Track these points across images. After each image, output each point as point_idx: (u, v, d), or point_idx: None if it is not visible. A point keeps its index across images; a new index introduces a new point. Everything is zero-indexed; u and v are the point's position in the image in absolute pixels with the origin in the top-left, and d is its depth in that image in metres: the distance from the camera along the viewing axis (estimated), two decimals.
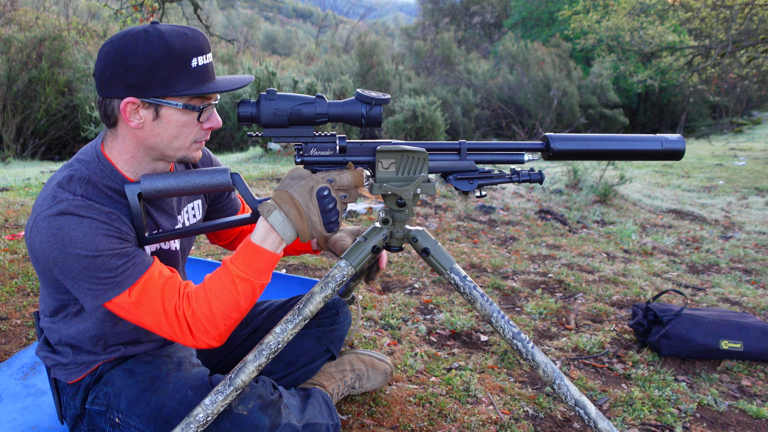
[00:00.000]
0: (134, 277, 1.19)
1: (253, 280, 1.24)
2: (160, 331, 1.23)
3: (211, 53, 1.25)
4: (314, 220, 1.23)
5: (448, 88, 16.88)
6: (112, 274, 1.16)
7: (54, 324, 1.35)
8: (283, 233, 1.23)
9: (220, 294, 1.23)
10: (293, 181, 1.24)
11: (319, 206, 1.23)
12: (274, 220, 1.22)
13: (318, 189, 1.23)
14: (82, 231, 1.14)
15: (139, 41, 1.15)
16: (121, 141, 1.26)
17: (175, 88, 1.18)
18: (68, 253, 1.14)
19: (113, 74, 1.17)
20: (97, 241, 1.15)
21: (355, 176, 1.27)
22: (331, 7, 61.22)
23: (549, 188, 5.95)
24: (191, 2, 8.99)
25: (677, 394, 2.04)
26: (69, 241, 1.14)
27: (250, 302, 1.26)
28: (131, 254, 1.20)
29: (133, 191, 1.22)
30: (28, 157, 10.27)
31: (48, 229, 1.14)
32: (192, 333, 1.23)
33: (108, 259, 1.16)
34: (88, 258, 1.14)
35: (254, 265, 1.24)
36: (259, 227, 1.25)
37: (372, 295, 2.74)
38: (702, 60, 11.19)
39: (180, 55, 1.16)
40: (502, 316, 1.35)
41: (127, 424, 1.32)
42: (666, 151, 1.36)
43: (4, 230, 3.35)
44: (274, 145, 8.02)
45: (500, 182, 1.34)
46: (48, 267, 1.19)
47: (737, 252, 4.38)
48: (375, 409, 1.79)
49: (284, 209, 1.22)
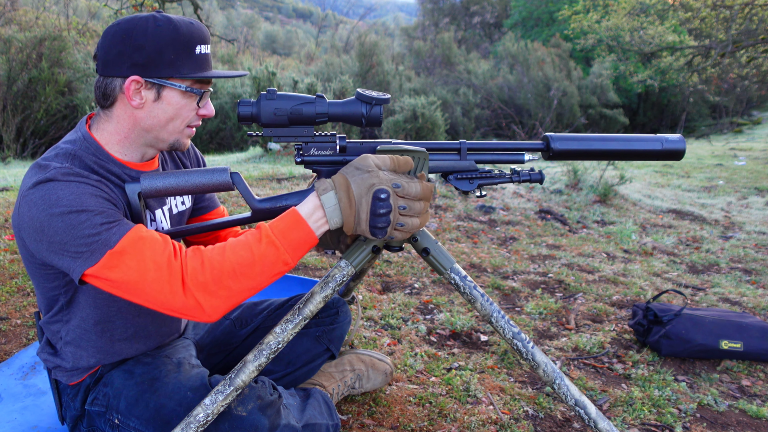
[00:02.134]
0: (119, 234, 1.13)
1: (281, 248, 1.15)
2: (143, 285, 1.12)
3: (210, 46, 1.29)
4: (362, 218, 1.17)
5: (448, 88, 16.88)
6: (95, 231, 1.11)
7: (54, 323, 1.35)
8: (330, 216, 1.17)
9: (239, 247, 1.15)
10: (357, 171, 1.18)
11: (371, 207, 1.16)
12: (326, 200, 1.17)
13: (377, 189, 1.16)
14: (69, 191, 1.13)
15: (149, 23, 1.20)
16: (116, 122, 1.26)
17: (179, 70, 1.22)
18: (53, 213, 1.11)
19: (120, 53, 1.19)
20: (82, 198, 1.13)
21: (424, 189, 1.20)
22: (331, 7, 61.22)
23: (549, 188, 5.95)
24: (191, 2, 8.99)
25: (677, 394, 2.04)
26: (55, 201, 1.11)
27: (266, 275, 1.16)
28: (117, 217, 1.16)
29: (133, 190, 1.22)
30: (28, 157, 10.27)
31: (35, 194, 1.13)
32: (184, 285, 1.12)
33: (92, 216, 1.12)
34: (72, 214, 1.11)
35: (290, 234, 1.16)
36: (309, 201, 1.19)
37: (372, 295, 2.74)
38: (702, 60, 11.19)
39: (186, 40, 1.21)
40: (502, 316, 1.35)
41: (126, 425, 1.32)
42: (666, 151, 1.35)
43: (4, 230, 3.35)
44: (274, 145, 8.02)
45: (500, 182, 1.34)
46: (36, 238, 1.14)
47: (737, 252, 4.38)
48: (375, 409, 1.79)
49: (338, 194, 1.17)
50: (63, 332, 1.34)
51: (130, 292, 1.14)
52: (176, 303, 1.13)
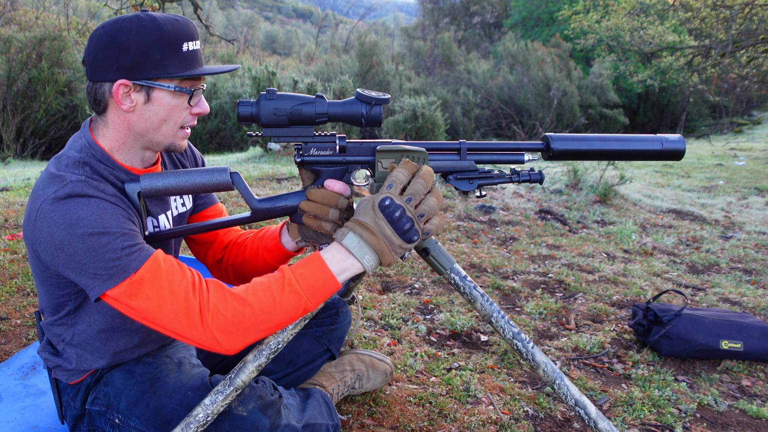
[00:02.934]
0: (140, 261, 1.14)
1: (303, 296, 1.17)
2: (161, 317, 1.14)
3: (200, 41, 1.27)
4: (388, 235, 1.17)
5: (448, 88, 16.88)
6: (116, 255, 1.12)
7: (57, 326, 1.34)
8: (360, 256, 1.17)
9: (261, 293, 1.16)
10: (359, 207, 1.20)
11: (387, 218, 1.17)
12: (348, 242, 1.17)
13: (378, 201, 1.18)
14: (90, 210, 1.13)
15: (133, 25, 1.17)
16: (112, 127, 1.26)
17: (167, 70, 1.19)
18: (75, 233, 1.11)
19: (106, 57, 1.18)
20: (104, 219, 1.13)
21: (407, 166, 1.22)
22: (331, 7, 61.21)
23: (549, 188, 5.95)
24: (191, 2, 8.99)
25: (677, 394, 2.04)
26: (77, 221, 1.11)
27: (287, 318, 1.18)
28: (136, 239, 1.16)
29: (133, 190, 1.22)
30: (28, 157, 10.27)
31: (56, 212, 1.12)
32: (203, 320, 1.14)
33: (114, 239, 1.12)
34: (94, 236, 1.11)
35: (314, 283, 1.18)
36: (332, 248, 1.20)
37: (372, 295, 2.74)
38: (702, 60, 11.19)
39: (172, 38, 1.19)
40: (502, 316, 1.35)
41: (126, 424, 1.32)
42: (666, 151, 1.35)
43: (4, 230, 3.35)
44: (274, 146, 8.01)
45: (500, 182, 1.34)
46: (54, 254, 1.15)
47: (737, 252, 4.38)
48: (375, 409, 1.79)
49: (357, 231, 1.17)
50: (66, 335, 1.34)
51: (146, 320, 1.16)
52: (194, 336, 1.15)
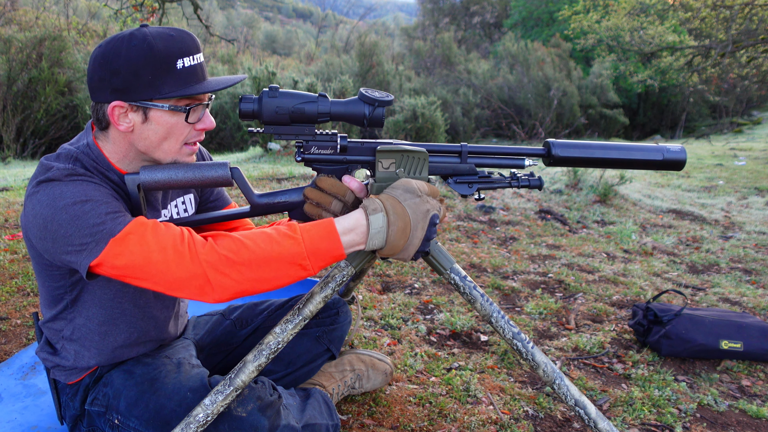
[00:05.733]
0: (123, 224, 1.12)
1: (304, 252, 1.13)
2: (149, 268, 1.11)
3: (201, 54, 1.23)
4: (414, 243, 1.18)
5: (448, 88, 16.88)
6: (100, 220, 1.11)
7: (57, 321, 1.35)
8: (371, 237, 1.16)
9: (261, 237, 1.13)
10: (408, 195, 1.18)
11: (427, 233, 1.18)
12: (374, 221, 1.16)
13: (434, 215, 1.19)
14: (73, 186, 1.14)
15: (123, 45, 1.16)
16: (113, 143, 1.26)
17: (160, 90, 1.17)
18: (57, 206, 1.11)
19: (101, 79, 1.18)
20: (87, 191, 1.13)
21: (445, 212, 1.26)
22: (331, 7, 61.19)
23: (549, 188, 5.95)
24: (191, 2, 8.99)
25: (677, 394, 2.04)
26: (59, 195, 1.12)
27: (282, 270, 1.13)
28: (122, 210, 1.16)
29: (133, 181, 1.22)
30: (28, 157, 10.27)
31: (40, 192, 1.14)
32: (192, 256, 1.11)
33: (97, 205, 1.12)
34: (77, 204, 1.11)
35: (319, 242, 1.14)
36: (351, 217, 1.17)
37: (372, 295, 2.74)
38: (702, 60, 11.20)
39: (164, 57, 1.16)
40: (502, 316, 1.35)
41: (126, 425, 1.32)
42: (667, 162, 1.35)
43: (4, 230, 3.35)
44: (274, 145, 8.01)
45: (499, 186, 1.35)
46: (42, 235, 1.14)
47: (737, 252, 4.38)
48: (375, 409, 1.79)
49: (390, 218, 1.16)
50: (66, 330, 1.34)
51: (137, 276, 1.13)
52: (182, 273, 1.10)
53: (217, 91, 1.21)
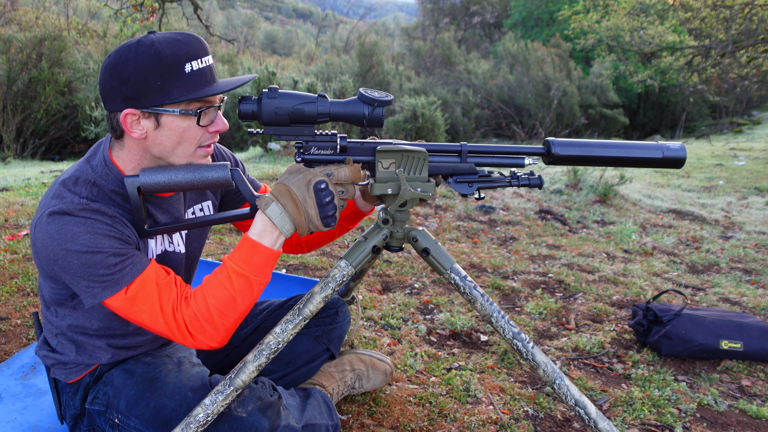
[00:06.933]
0: (132, 275, 1.19)
1: (250, 277, 1.23)
2: (156, 328, 1.23)
3: (210, 56, 1.23)
4: (311, 213, 1.23)
5: (448, 88, 16.87)
6: (110, 271, 1.17)
7: (55, 318, 1.35)
8: (281, 226, 1.23)
9: (216, 291, 1.23)
10: (291, 176, 1.26)
11: (316, 199, 1.23)
12: (272, 213, 1.23)
13: (315, 182, 1.24)
14: (84, 229, 1.16)
15: (131, 53, 1.17)
16: (128, 151, 1.27)
17: (170, 95, 1.17)
18: (68, 249, 1.16)
19: (112, 88, 1.19)
20: (97, 239, 1.17)
21: (353, 171, 1.28)
22: (331, 7, 61.19)
23: (549, 188, 5.95)
24: (191, 2, 8.99)
25: (677, 394, 2.04)
26: (70, 238, 1.16)
27: (249, 300, 1.25)
28: (129, 254, 1.21)
29: (132, 184, 1.22)
30: (28, 157, 10.27)
31: (50, 225, 1.16)
32: (191, 334, 1.23)
33: (106, 257, 1.17)
34: (87, 254, 1.16)
35: (251, 261, 1.24)
36: (257, 221, 1.25)
37: (372, 295, 2.74)
38: (702, 60, 11.19)
39: (172, 62, 1.16)
40: (502, 316, 1.35)
41: (126, 424, 1.32)
42: (667, 160, 1.35)
43: (4, 230, 3.35)
44: (274, 145, 8.01)
45: (499, 186, 1.35)
46: (49, 265, 1.20)
47: (737, 252, 4.38)
48: (375, 409, 1.79)
49: (281, 201, 1.23)
50: (69, 318, 1.35)
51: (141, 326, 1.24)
52: (188, 343, 1.25)
53: (227, 92, 1.22)
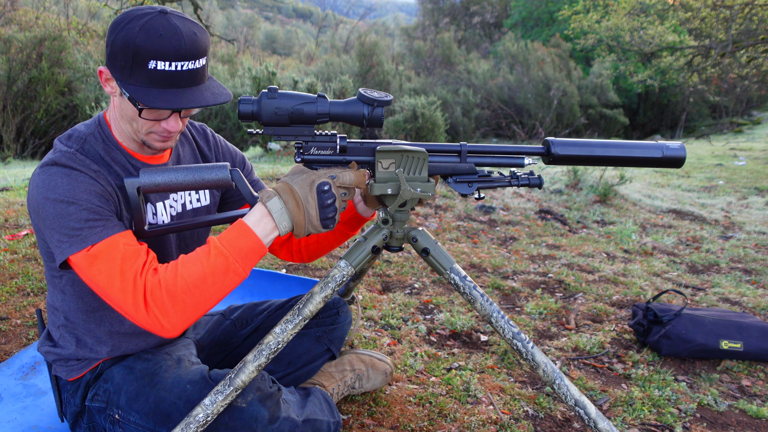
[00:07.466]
0: (100, 236, 1.18)
1: (230, 258, 1.18)
2: (111, 293, 1.17)
3: (191, 61, 1.18)
4: (311, 214, 1.23)
5: (448, 88, 16.87)
6: (79, 225, 1.17)
7: (55, 310, 1.38)
8: (279, 221, 1.22)
9: (190, 263, 1.19)
10: (295, 176, 1.26)
11: (318, 200, 1.23)
12: (272, 206, 1.22)
13: (319, 183, 1.23)
14: (66, 180, 1.20)
15: (123, 22, 1.19)
16: (112, 108, 1.32)
17: (129, 78, 1.19)
18: (47, 197, 1.19)
19: (107, 42, 1.23)
20: (75, 191, 1.19)
21: (358, 176, 1.28)
22: (331, 7, 61.16)
23: (549, 188, 5.95)
24: (191, 2, 8.98)
25: (677, 394, 2.04)
26: (52, 187, 1.19)
27: (219, 286, 1.18)
28: (104, 216, 1.21)
29: (132, 184, 1.23)
30: (28, 157, 10.27)
31: (39, 176, 1.22)
32: (146, 304, 1.16)
33: (80, 210, 1.18)
34: (63, 203, 1.18)
35: (238, 243, 1.20)
36: (255, 210, 1.24)
37: (372, 295, 2.74)
38: (702, 60, 11.19)
39: (137, 52, 1.16)
40: (502, 316, 1.35)
41: (126, 420, 1.32)
42: (666, 159, 1.35)
43: (4, 230, 3.35)
44: (274, 145, 8.01)
45: (499, 186, 1.34)
46: (35, 218, 1.24)
47: (737, 252, 4.38)
48: (375, 409, 1.79)
49: (283, 198, 1.23)
50: (62, 316, 1.36)
51: (99, 292, 1.21)
52: (139, 318, 1.17)
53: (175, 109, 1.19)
